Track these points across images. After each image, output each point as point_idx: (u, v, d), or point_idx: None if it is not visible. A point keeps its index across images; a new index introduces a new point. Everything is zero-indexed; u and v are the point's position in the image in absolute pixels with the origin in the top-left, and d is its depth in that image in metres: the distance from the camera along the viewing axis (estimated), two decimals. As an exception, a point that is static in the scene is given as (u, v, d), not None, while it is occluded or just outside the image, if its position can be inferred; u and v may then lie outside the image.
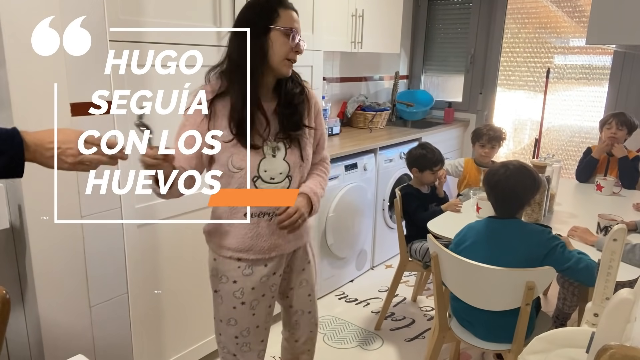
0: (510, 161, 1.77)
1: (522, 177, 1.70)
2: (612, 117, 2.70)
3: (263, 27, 1.30)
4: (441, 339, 1.86)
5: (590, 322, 1.23)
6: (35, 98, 1.45)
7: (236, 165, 1.37)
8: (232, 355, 1.52)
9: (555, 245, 1.62)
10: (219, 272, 1.48)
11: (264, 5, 1.32)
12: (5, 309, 1.07)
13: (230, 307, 1.47)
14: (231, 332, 1.50)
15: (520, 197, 1.71)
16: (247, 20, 1.33)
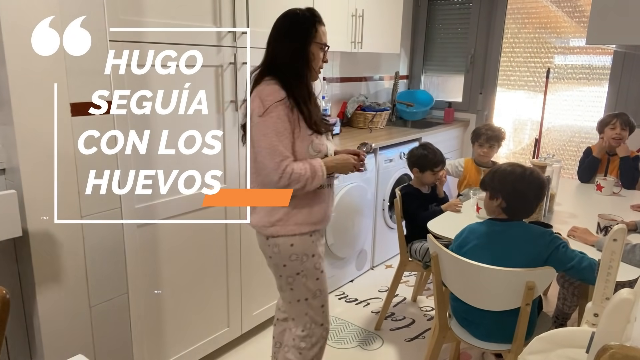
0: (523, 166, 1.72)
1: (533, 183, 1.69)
2: (616, 117, 2.70)
3: (307, 42, 1.55)
4: (441, 339, 1.86)
5: (590, 322, 1.23)
6: (35, 98, 1.45)
7: (316, 149, 1.59)
8: (320, 326, 1.69)
9: (558, 245, 1.62)
10: (299, 254, 1.61)
11: (307, 21, 1.56)
12: (5, 309, 1.07)
13: (314, 280, 1.65)
14: (318, 304, 1.67)
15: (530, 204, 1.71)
16: (290, 34, 1.55)
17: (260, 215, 1.61)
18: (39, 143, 1.48)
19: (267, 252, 1.67)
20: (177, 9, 1.77)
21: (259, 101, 1.51)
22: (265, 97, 1.50)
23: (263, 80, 1.56)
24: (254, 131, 1.54)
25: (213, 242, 2.11)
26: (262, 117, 1.49)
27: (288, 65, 1.54)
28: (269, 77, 1.55)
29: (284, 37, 1.56)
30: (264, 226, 1.60)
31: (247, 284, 2.33)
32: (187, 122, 1.89)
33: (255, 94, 1.55)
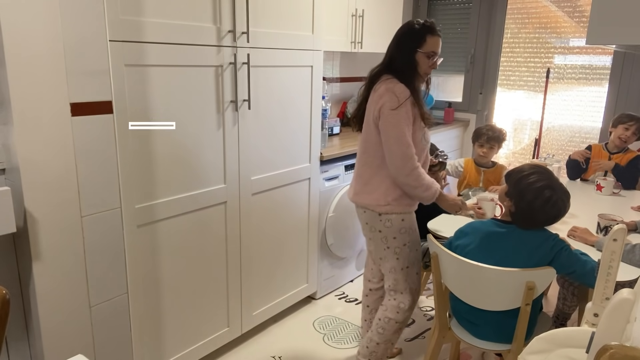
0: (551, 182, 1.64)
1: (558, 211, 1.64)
2: (635, 121, 2.67)
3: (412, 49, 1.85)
4: (441, 339, 1.86)
5: (590, 322, 1.23)
6: (35, 98, 1.45)
7: (426, 139, 1.91)
8: (415, 291, 2.01)
9: (561, 249, 1.61)
10: (407, 228, 1.93)
11: (416, 32, 1.85)
12: (5, 309, 1.07)
13: (415, 251, 1.98)
14: (414, 271, 2.00)
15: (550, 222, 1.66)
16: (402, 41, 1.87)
17: (375, 196, 1.89)
18: (39, 143, 1.48)
19: (377, 227, 1.93)
20: (177, 9, 1.77)
21: (392, 96, 1.78)
22: (399, 94, 1.77)
23: (383, 78, 1.86)
24: (383, 120, 1.80)
25: (213, 242, 2.11)
26: (394, 110, 1.77)
27: (401, 68, 1.84)
28: (389, 76, 1.85)
29: (398, 43, 1.87)
30: (379, 204, 1.88)
31: (247, 284, 2.33)
32: (187, 122, 1.90)
33: (385, 89, 1.81)
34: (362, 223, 2.02)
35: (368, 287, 2.22)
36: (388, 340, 2.03)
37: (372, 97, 1.87)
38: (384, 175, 1.87)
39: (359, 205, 1.97)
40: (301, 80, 2.40)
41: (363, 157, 1.94)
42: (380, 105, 1.80)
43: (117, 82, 1.63)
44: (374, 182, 1.90)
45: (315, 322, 2.64)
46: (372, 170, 1.90)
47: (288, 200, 2.47)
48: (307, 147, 2.52)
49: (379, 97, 1.82)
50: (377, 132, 1.85)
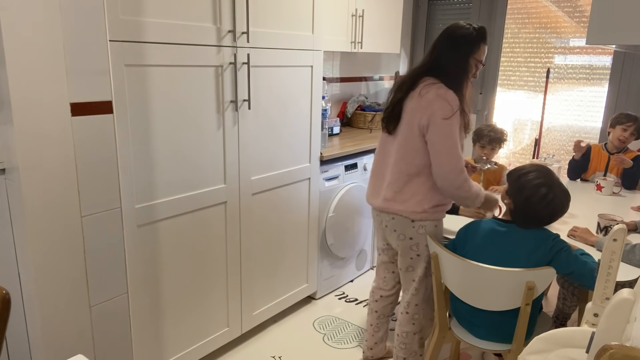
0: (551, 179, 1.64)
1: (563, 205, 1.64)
2: (632, 121, 2.68)
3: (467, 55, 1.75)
4: (441, 339, 1.86)
5: (590, 322, 1.23)
6: (35, 98, 1.45)
7: (462, 148, 1.79)
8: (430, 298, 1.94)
9: (561, 249, 1.61)
10: (439, 234, 1.89)
11: (474, 37, 1.74)
12: (5, 308, 1.07)
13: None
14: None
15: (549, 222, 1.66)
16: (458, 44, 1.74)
17: (411, 204, 1.81)
18: (39, 143, 1.48)
19: (408, 234, 1.86)
20: (177, 9, 1.77)
21: (445, 104, 1.69)
22: (452, 102, 1.69)
23: (427, 81, 1.75)
24: (434, 130, 1.69)
25: (213, 242, 2.11)
26: (447, 120, 1.68)
27: (452, 73, 1.74)
28: (434, 80, 1.74)
29: (454, 46, 1.75)
30: (414, 212, 1.81)
31: (247, 284, 2.33)
32: (187, 122, 1.90)
33: (435, 95, 1.71)
34: (386, 231, 1.93)
35: (379, 294, 2.19)
36: (413, 352, 2.00)
37: (418, 101, 1.73)
38: (420, 182, 1.79)
39: (389, 212, 1.87)
40: (301, 80, 2.40)
41: (399, 163, 1.81)
42: (431, 113, 1.69)
43: (117, 82, 1.63)
44: (409, 190, 1.80)
45: (315, 322, 2.64)
46: (407, 177, 1.80)
47: (288, 200, 2.47)
48: (307, 147, 2.52)
49: (429, 103, 1.70)
50: (421, 140, 1.74)
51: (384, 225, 1.93)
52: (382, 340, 2.24)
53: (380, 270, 2.16)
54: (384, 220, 1.92)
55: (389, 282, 2.15)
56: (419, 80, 1.78)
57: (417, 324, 1.97)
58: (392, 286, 2.16)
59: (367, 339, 2.25)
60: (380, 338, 2.23)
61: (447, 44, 1.77)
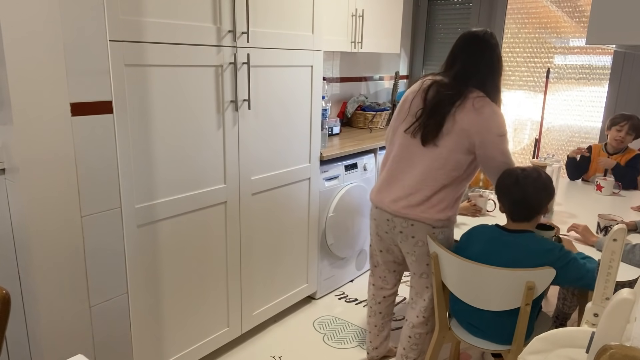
0: (525, 166, 1.71)
1: (547, 179, 1.67)
2: (626, 120, 2.70)
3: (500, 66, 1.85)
4: (441, 339, 1.86)
5: (590, 322, 1.22)
6: (35, 98, 1.45)
7: None
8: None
9: (568, 262, 1.58)
10: (452, 240, 1.92)
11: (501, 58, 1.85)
12: (5, 308, 1.07)
13: None
14: None
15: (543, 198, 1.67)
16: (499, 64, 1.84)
17: (435, 210, 1.81)
18: (39, 143, 1.48)
19: (425, 239, 1.85)
20: (177, 9, 1.77)
21: (501, 120, 1.76)
22: (503, 118, 1.78)
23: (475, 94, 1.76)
24: (493, 147, 1.74)
25: (213, 242, 2.11)
26: (501, 137, 1.75)
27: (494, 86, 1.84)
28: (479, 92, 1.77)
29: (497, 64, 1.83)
30: (438, 219, 1.82)
31: (247, 284, 2.33)
32: (187, 122, 1.90)
33: (492, 111, 1.75)
34: (400, 237, 1.89)
35: (381, 295, 2.17)
36: (422, 350, 2.03)
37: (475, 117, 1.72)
38: (449, 192, 1.81)
39: (407, 217, 1.83)
40: (301, 80, 2.40)
41: (435, 173, 1.78)
42: (487, 130, 1.72)
43: (117, 82, 1.63)
44: (436, 198, 1.80)
45: (315, 322, 2.64)
46: (437, 186, 1.79)
47: (288, 200, 2.47)
48: (307, 147, 2.52)
49: (486, 120, 1.72)
50: (466, 153, 1.75)
51: (397, 230, 1.88)
52: (386, 339, 2.26)
53: (379, 270, 2.14)
54: (397, 225, 1.87)
55: (389, 281, 2.14)
56: (466, 93, 1.75)
57: (430, 325, 1.99)
58: (394, 284, 2.16)
59: (371, 340, 2.25)
60: (384, 337, 2.24)
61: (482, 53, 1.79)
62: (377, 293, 2.18)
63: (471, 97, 1.74)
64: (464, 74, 1.78)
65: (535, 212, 1.68)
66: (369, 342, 2.26)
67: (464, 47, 1.81)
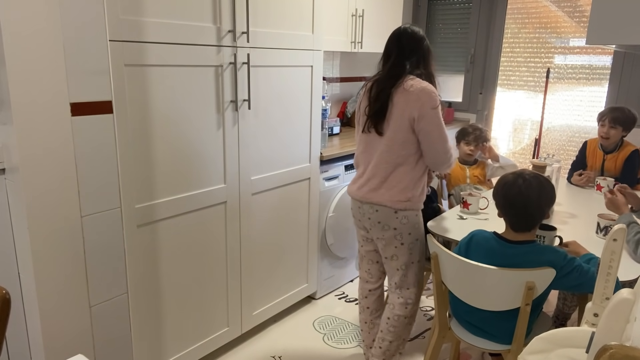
0: (523, 171, 1.65)
1: (543, 188, 1.61)
2: (606, 114, 2.65)
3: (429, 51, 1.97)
4: (441, 339, 1.86)
5: (590, 322, 1.22)
6: (35, 98, 1.45)
7: None
8: (420, 284, 2.07)
9: (571, 270, 1.57)
10: (420, 223, 1.99)
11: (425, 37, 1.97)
12: (5, 308, 1.07)
13: (423, 244, 2.04)
14: (421, 265, 2.06)
15: (542, 209, 1.62)
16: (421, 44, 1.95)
17: (394, 192, 1.90)
18: (39, 143, 1.48)
19: (392, 224, 1.94)
20: (177, 9, 1.77)
21: (432, 94, 1.84)
22: (435, 93, 1.85)
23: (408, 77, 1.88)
24: (427, 120, 1.83)
25: (213, 242, 2.11)
26: (434, 109, 1.83)
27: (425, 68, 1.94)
28: (411, 76, 1.89)
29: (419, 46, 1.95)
30: (399, 201, 1.90)
31: (247, 284, 2.33)
32: (187, 122, 1.90)
33: (421, 88, 1.84)
34: (369, 223, 1.99)
35: (367, 289, 2.21)
36: (400, 336, 2.06)
37: (407, 96, 1.84)
38: (404, 172, 1.90)
39: (373, 203, 1.94)
40: (301, 80, 2.40)
41: (385, 154, 1.90)
42: (420, 105, 1.82)
43: (117, 82, 1.63)
44: (394, 179, 1.91)
45: (315, 322, 2.64)
46: (391, 167, 1.90)
47: (288, 200, 2.47)
48: (307, 147, 2.52)
49: (417, 96, 1.83)
50: (409, 131, 1.86)
51: (366, 217, 1.99)
52: None
53: (364, 263, 2.19)
54: (366, 213, 1.98)
55: (374, 274, 2.18)
56: (399, 79, 1.89)
57: (410, 309, 2.05)
58: (378, 277, 2.18)
59: (364, 339, 2.26)
60: (375, 334, 2.23)
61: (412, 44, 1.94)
62: (363, 287, 2.21)
63: (403, 81, 1.88)
64: (397, 65, 1.92)
65: (537, 222, 1.65)
66: (362, 342, 2.28)
67: (394, 43, 1.97)
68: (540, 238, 1.81)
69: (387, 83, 1.89)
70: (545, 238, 1.81)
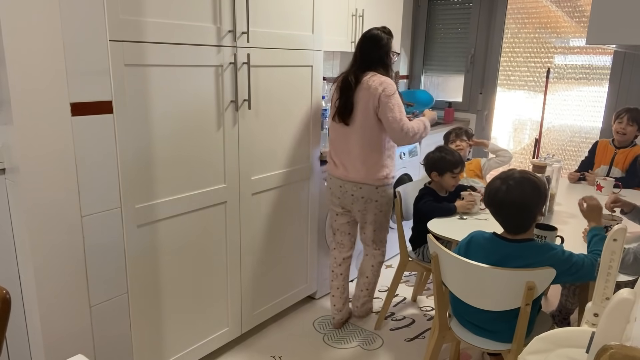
0: (509, 173, 1.65)
1: (525, 189, 1.59)
2: (626, 112, 2.74)
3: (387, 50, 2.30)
4: (441, 339, 1.86)
5: (590, 322, 1.23)
6: (35, 98, 1.45)
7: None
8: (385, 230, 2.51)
9: (571, 266, 1.58)
10: (391, 195, 2.44)
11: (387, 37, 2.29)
12: (5, 308, 1.07)
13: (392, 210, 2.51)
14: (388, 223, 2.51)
15: (529, 211, 1.61)
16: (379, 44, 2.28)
17: (374, 171, 2.30)
18: (39, 143, 1.48)
19: (374, 197, 2.34)
20: (177, 9, 1.77)
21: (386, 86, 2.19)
22: (390, 83, 2.22)
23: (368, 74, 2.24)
24: (383, 107, 2.18)
25: (213, 242, 2.11)
26: (391, 96, 2.18)
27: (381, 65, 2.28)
28: (372, 72, 2.25)
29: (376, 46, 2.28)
30: (378, 179, 2.31)
31: (246, 284, 2.33)
32: (187, 122, 1.90)
33: (378, 82, 2.20)
34: (352, 198, 2.35)
35: (341, 257, 2.54)
36: (378, 278, 2.58)
37: (367, 91, 2.21)
38: (378, 154, 2.29)
39: (356, 182, 2.32)
40: (301, 80, 2.40)
41: (361, 141, 2.27)
42: (378, 95, 2.18)
43: (117, 82, 1.63)
44: (371, 161, 2.29)
45: (315, 322, 2.64)
46: (369, 151, 2.28)
47: (288, 200, 2.47)
48: (307, 147, 2.52)
49: (375, 89, 2.19)
50: (375, 119, 2.23)
51: (349, 194, 2.36)
52: (347, 301, 2.59)
53: (338, 235, 2.53)
54: (349, 190, 2.35)
55: (346, 244, 2.53)
56: (361, 76, 2.25)
57: (384, 256, 2.54)
58: (350, 247, 2.55)
59: (335, 304, 2.56)
60: (345, 298, 2.58)
61: (372, 46, 2.27)
62: (337, 256, 2.54)
63: (365, 77, 2.24)
64: (362, 63, 2.28)
65: (528, 224, 1.65)
66: (333, 307, 2.58)
67: (360, 44, 2.31)
68: (540, 238, 1.81)
69: (353, 81, 2.25)
70: (546, 238, 1.81)
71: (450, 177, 2.40)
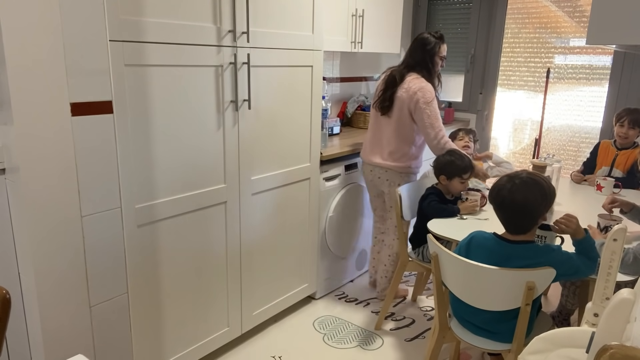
0: (518, 172, 1.66)
1: (530, 191, 1.59)
2: (626, 114, 2.72)
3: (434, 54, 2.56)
4: (441, 339, 1.86)
5: (590, 322, 1.23)
6: (35, 98, 1.45)
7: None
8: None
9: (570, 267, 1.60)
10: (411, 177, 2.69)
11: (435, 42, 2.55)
12: (5, 308, 1.07)
13: None
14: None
15: (531, 213, 1.61)
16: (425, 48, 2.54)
17: (399, 161, 2.58)
18: (39, 143, 1.48)
19: (397, 181, 2.61)
20: (177, 9, 1.77)
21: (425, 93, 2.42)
22: (430, 90, 2.44)
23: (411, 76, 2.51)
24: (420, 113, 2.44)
25: (213, 242, 2.11)
26: (428, 104, 2.41)
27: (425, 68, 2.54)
28: (415, 74, 2.51)
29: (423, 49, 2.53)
30: (402, 166, 2.59)
31: (247, 284, 2.33)
32: (187, 122, 1.90)
33: (418, 87, 2.44)
34: (379, 181, 2.66)
35: (380, 231, 2.87)
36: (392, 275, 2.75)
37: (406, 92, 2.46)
38: (407, 148, 2.57)
39: (382, 166, 2.61)
40: (301, 80, 2.40)
41: (394, 134, 2.55)
42: (415, 101, 2.42)
43: (117, 82, 1.63)
44: (399, 152, 2.57)
45: (315, 322, 2.64)
46: (399, 144, 2.56)
47: (288, 200, 2.47)
48: (307, 147, 2.52)
49: (413, 93, 2.43)
50: (409, 119, 2.50)
51: (377, 177, 2.66)
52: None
53: (378, 211, 2.84)
54: (377, 173, 2.65)
55: (380, 225, 2.87)
56: (405, 76, 2.49)
57: (396, 245, 2.72)
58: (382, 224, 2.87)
59: (374, 265, 2.95)
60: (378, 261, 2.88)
61: (418, 47, 2.51)
62: (378, 228, 2.87)
63: (408, 78, 2.49)
64: (408, 64, 2.54)
65: (530, 225, 1.65)
66: (371, 267, 2.98)
67: (411, 46, 2.56)
68: (541, 238, 1.81)
69: (397, 78, 2.52)
70: (546, 238, 1.81)
71: (458, 182, 2.35)
